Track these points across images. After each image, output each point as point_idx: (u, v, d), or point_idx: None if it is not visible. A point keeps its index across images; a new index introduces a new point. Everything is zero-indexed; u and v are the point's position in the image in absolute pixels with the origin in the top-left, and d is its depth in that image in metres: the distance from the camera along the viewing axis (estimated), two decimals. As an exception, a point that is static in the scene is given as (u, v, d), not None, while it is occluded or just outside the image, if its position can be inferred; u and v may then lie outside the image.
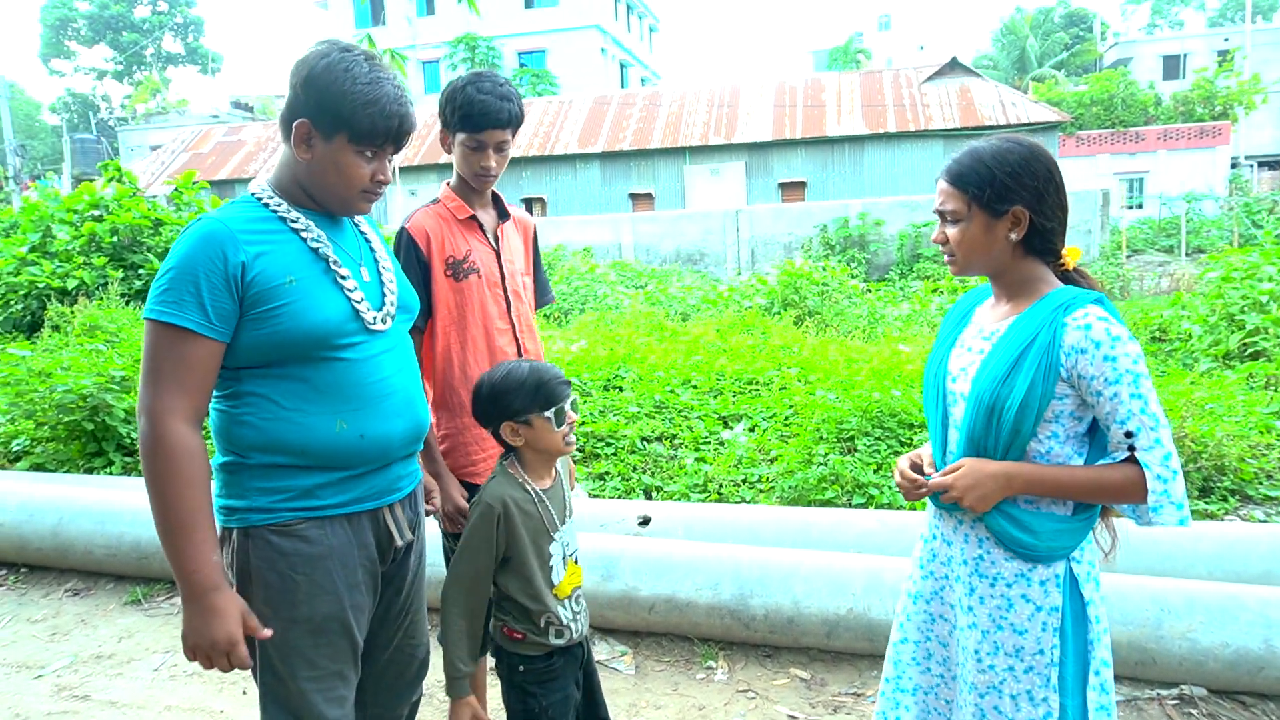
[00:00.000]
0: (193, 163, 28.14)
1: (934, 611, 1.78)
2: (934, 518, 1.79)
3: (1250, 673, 2.62)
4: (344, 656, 1.70)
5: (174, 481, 1.52)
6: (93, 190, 9.56)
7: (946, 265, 1.71)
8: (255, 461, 1.61)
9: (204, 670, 2.02)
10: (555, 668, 1.88)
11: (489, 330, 2.23)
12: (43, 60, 50.94)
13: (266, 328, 1.56)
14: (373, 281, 1.74)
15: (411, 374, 1.78)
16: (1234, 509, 3.81)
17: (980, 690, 1.65)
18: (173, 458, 1.51)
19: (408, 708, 1.95)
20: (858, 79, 26.71)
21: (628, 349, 6.63)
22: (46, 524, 4.03)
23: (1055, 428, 1.58)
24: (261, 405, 1.60)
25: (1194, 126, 28.81)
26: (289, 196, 1.67)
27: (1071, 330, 1.53)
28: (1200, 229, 22.08)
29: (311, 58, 1.60)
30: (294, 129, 1.60)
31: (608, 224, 19.89)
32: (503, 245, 2.29)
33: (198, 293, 1.51)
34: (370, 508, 1.71)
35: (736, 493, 4.34)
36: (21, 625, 3.68)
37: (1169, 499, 1.50)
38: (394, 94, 1.60)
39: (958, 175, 1.63)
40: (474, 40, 34.52)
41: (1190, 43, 39.40)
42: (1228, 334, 7.22)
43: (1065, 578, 1.60)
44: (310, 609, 1.64)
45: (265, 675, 1.68)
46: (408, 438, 1.74)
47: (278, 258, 1.59)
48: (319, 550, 1.64)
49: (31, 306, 8.65)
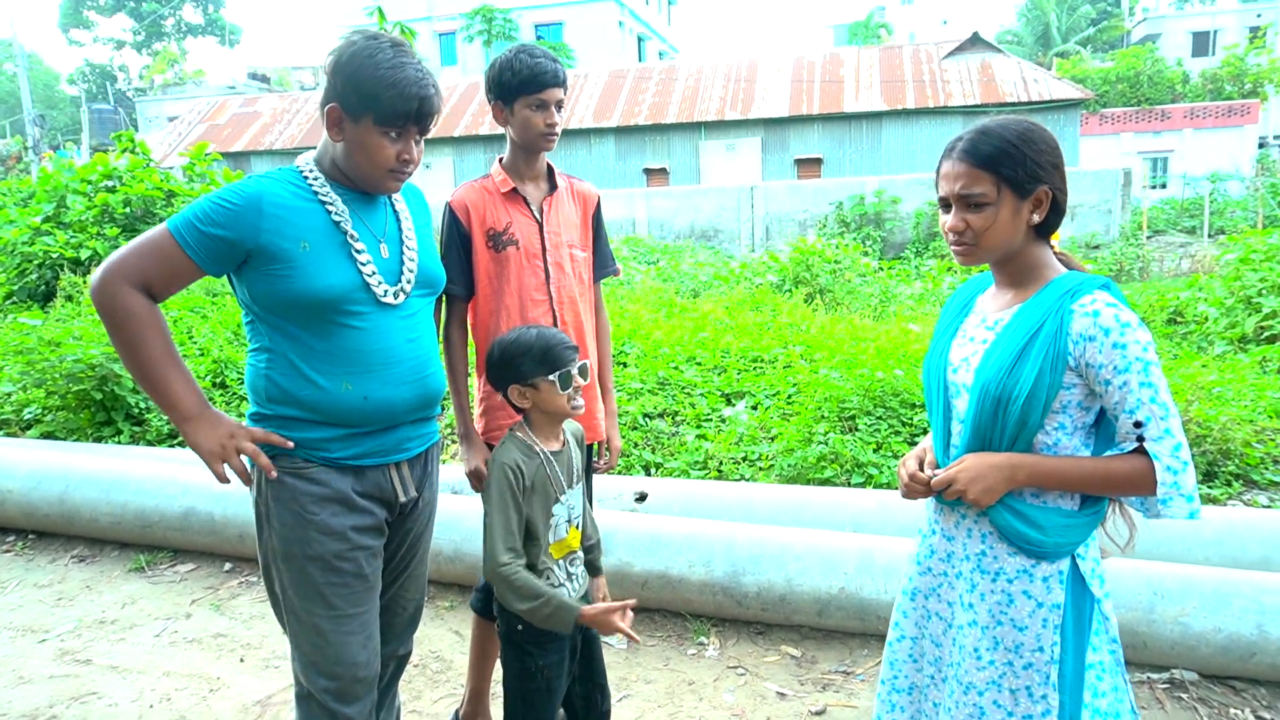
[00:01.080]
0: (209, 134, 28.20)
1: (930, 609, 1.74)
2: (934, 513, 1.74)
3: (1242, 658, 2.61)
4: (360, 598, 1.83)
5: (132, 331, 1.69)
6: (106, 161, 9.61)
7: (955, 255, 1.61)
8: (273, 413, 1.78)
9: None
10: (552, 630, 1.90)
11: (524, 301, 2.27)
12: (62, 30, 51.04)
13: (280, 284, 1.72)
14: (392, 258, 1.84)
15: (425, 344, 1.90)
16: (1238, 494, 3.77)
17: (979, 687, 1.60)
18: (124, 309, 1.68)
19: (394, 660, 2.05)
20: (877, 54, 26.32)
21: (633, 324, 6.62)
22: (54, 491, 4.09)
23: (1063, 418, 1.53)
24: (280, 361, 1.77)
25: (1222, 105, 28.26)
26: (327, 174, 1.81)
27: (1079, 317, 1.48)
28: (1224, 210, 21.73)
29: (341, 47, 1.73)
30: (327, 113, 1.73)
31: (622, 199, 19.78)
32: (547, 217, 2.32)
33: (202, 228, 1.69)
34: (376, 463, 1.84)
35: (736, 470, 4.34)
36: (28, 590, 3.75)
37: (1179, 491, 1.45)
38: (416, 77, 1.71)
39: (986, 157, 1.53)
40: (490, 12, 34.23)
41: (1221, 18, 38.56)
42: (1244, 317, 7.11)
43: (1069, 574, 1.55)
44: (323, 547, 1.77)
45: (290, 621, 1.84)
46: (415, 404, 1.86)
47: (297, 224, 1.73)
48: (328, 492, 1.78)
49: (46, 276, 8.74)
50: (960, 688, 1.64)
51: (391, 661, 2.04)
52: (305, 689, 1.84)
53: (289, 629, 1.85)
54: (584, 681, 2.05)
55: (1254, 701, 2.62)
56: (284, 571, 1.81)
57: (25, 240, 8.85)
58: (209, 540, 3.86)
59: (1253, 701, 2.62)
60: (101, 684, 2.98)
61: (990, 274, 1.71)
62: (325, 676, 1.81)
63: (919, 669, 1.77)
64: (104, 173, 9.49)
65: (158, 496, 3.92)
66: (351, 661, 1.81)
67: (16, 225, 9.06)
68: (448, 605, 3.41)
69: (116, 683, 2.99)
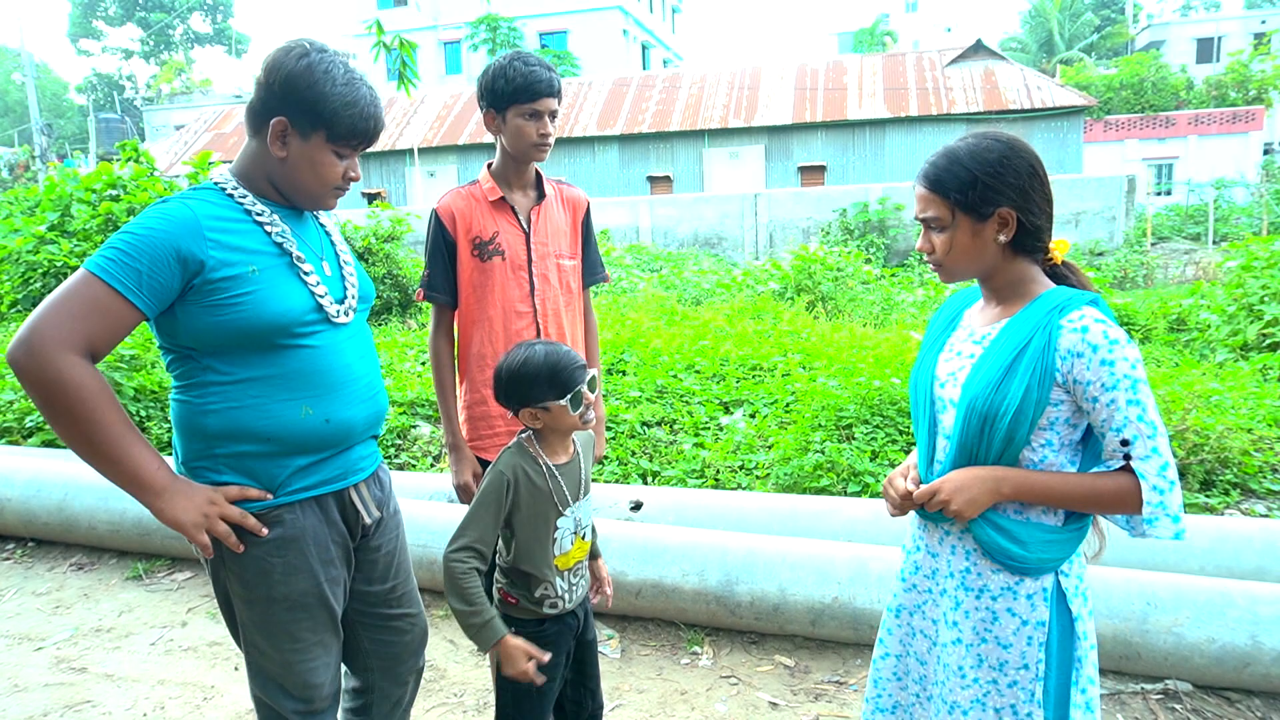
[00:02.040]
0: (214, 143, 28.35)
1: (915, 626, 1.73)
2: (918, 530, 1.73)
3: (1236, 668, 2.60)
4: (324, 627, 1.78)
5: (84, 406, 1.48)
6: (110, 170, 9.66)
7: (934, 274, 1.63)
8: (224, 451, 1.65)
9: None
10: (546, 635, 1.91)
11: (506, 313, 2.26)
12: (71, 40, 51.44)
13: (228, 314, 1.58)
14: (334, 275, 1.79)
15: (372, 361, 1.85)
16: (1235, 503, 3.75)
17: (963, 707, 1.60)
18: (72, 383, 1.47)
19: (413, 676, 2.03)
20: (880, 61, 26.35)
21: (633, 333, 6.63)
22: (53, 499, 4.11)
23: (1050, 435, 1.52)
24: (227, 393, 1.63)
25: (1226, 111, 28.20)
26: (253, 188, 1.70)
27: (1067, 333, 1.46)
28: (1229, 216, 21.65)
29: (289, 57, 1.62)
30: (271, 126, 1.63)
31: (625, 206, 19.82)
32: (535, 227, 2.31)
33: (138, 263, 1.51)
34: (336, 489, 1.78)
35: (733, 479, 4.34)
36: (26, 598, 3.76)
37: (1165, 511, 1.44)
38: (370, 96, 1.67)
39: (935, 180, 1.55)
40: (495, 21, 34.39)
41: (1226, 25, 38.50)
42: (1247, 324, 7.09)
43: (1053, 591, 1.54)
44: (287, 587, 1.71)
45: (250, 649, 1.78)
46: (369, 421, 1.82)
47: (241, 248, 1.62)
48: (292, 533, 1.70)
49: (50, 285, 8.76)
50: (945, 707, 1.63)
51: (411, 677, 2.02)
52: (271, 710, 1.81)
53: (248, 655, 1.79)
54: (575, 686, 2.05)
55: (1248, 713, 2.60)
56: (245, 610, 1.73)
57: (30, 249, 8.89)
58: (206, 548, 3.87)
59: (1247, 713, 2.60)
60: (96, 692, 2.99)
61: (977, 289, 1.70)
62: (294, 699, 1.78)
63: (903, 687, 1.76)
64: (108, 182, 9.54)
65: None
66: (317, 684, 1.79)
67: (21, 234, 9.11)
68: (442, 614, 3.41)
69: (111, 691, 3.00)
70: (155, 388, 5.45)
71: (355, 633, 1.93)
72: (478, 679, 2.99)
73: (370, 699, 1.99)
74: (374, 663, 1.96)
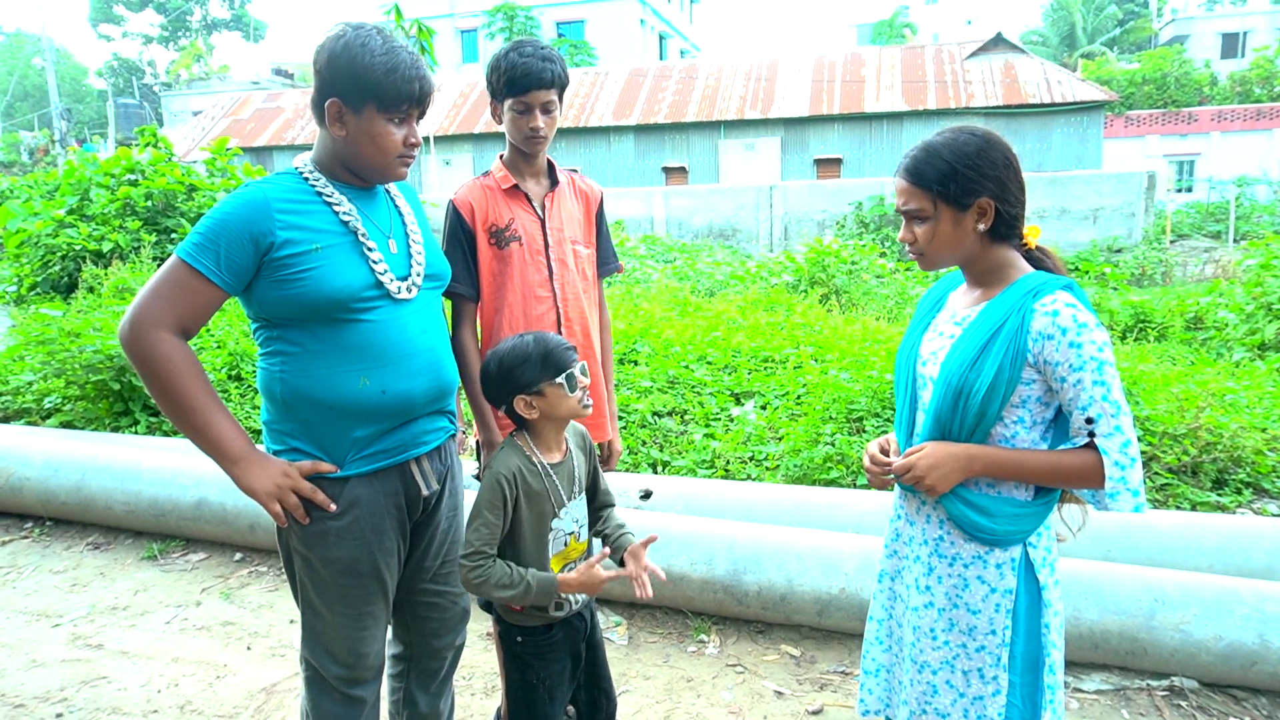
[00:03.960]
0: (232, 129, 28.49)
1: (897, 590, 1.83)
2: (899, 498, 1.83)
3: (1243, 667, 2.59)
4: (374, 597, 1.87)
5: (173, 377, 1.65)
6: (129, 155, 9.75)
7: (915, 261, 1.70)
8: (293, 415, 1.78)
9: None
10: (554, 640, 1.90)
11: (526, 298, 2.26)
12: (91, 25, 51.75)
13: (294, 288, 1.69)
14: (400, 253, 1.85)
15: (438, 336, 1.91)
16: (1247, 502, 3.74)
17: (933, 667, 1.69)
18: (163, 358, 1.65)
19: (451, 651, 2.12)
20: (899, 54, 26.16)
21: (646, 323, 6.64)
22: (70, 479, 4.17)
23: (1021, 413, 1.60)
24: (294, 361, 1.75)
25: (1250, 108, 27.86)
26: (328, 173, 1.80)
27: (1039, 316, 1.54)
28: (1251, 214, 21.41)
29: (329, 41, 1.71)
30: (326, 109, 1.72)
31: (640, 197, 19.79)
32: (550, 213, 2.31)
33: (218, 246, 1.66)
34: (397, 461, 1.84)
35: (743, 470, 4.35)
36: (44, 576, 3.83)
37: (1125, 485, 1.52)
38: (410, 59, 1.72)
39: (917, 174, 1.62)
40: (512, 10, 34.36)
41: (1252, 19, 37.97)
42: (1265, 323, 7.03)
43: (1021, 561, 1.63)
44: (340, 551, 1.80)
45: (305, 610, 1.89)
46: (431, 395, 1.87)
47: (307, 228, 1.72)
48: (348, 501, 1.79)
49: (69, 268, 8.88)
50: (915, 666, 1.73)
51: (449, 652, 2.10)
52: (316, 672, 1.90)
53: (303, 616, 1.90)
54: (589, 687, 2.03)
55: (1254, 711, 2.60)
56: (302, 569, 1.84)
57: (49, 232, 9.00)
58: (220, 530, 3.92)
59: (1253, 711, 2.60)
60: (111, 668, 3.04)
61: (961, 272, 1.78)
62: (339, 665, 1.87)
63: (887, 649, 1.86)
64: (126, 167, 9.63)
65: (171, 486, 3.98)
66: (363, 653, 1.88)
67: (41, 218, 9.21)
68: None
69: (126, 667, 3.05)
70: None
71: (400, 604, 2.01)
72: (485, 663, 3.02)
73: (408, 666, 2.09)
74: (414, 636, 2.06)
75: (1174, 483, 3.81)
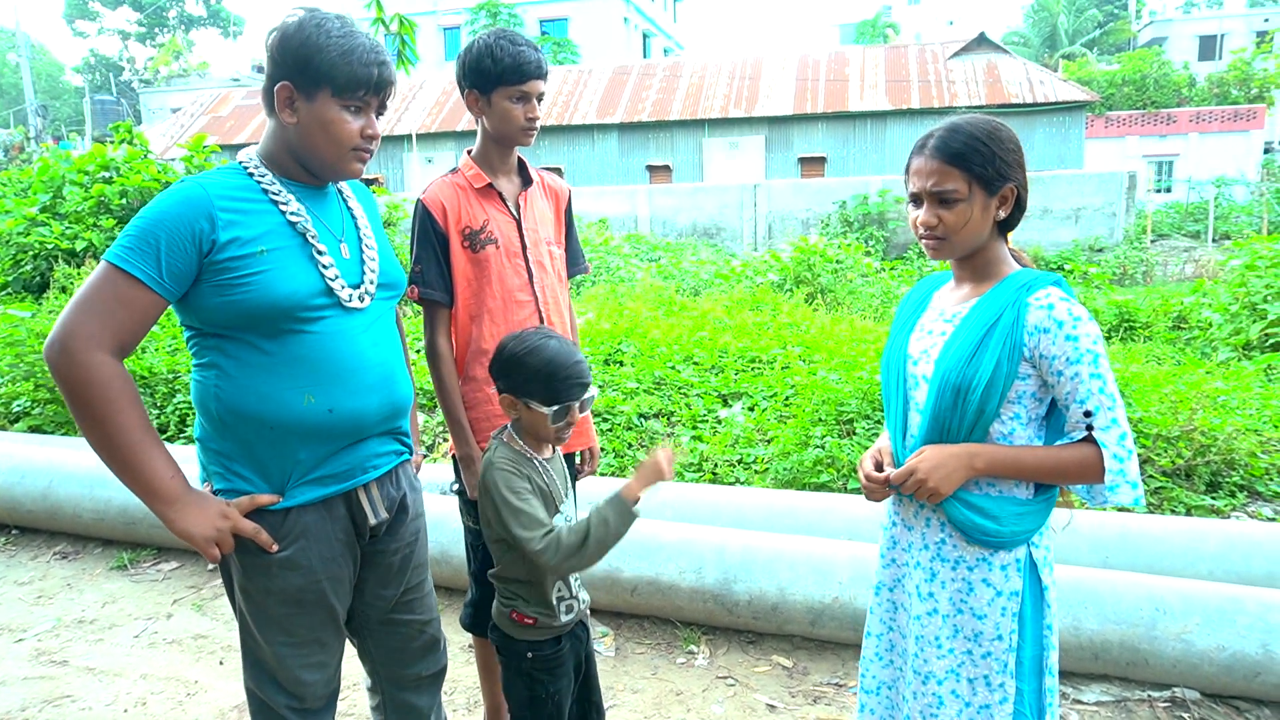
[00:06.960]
0: (211, 126, 28.14)
1: (896, 600, 1.77)
2: (893, 504, 1.78)
3: (1246, 677, 2.53)
4: (321, 625, 1.73)
5: (107, 407, 1.47)
6: (103, 152, 9.53)
7: (926, 249, 1.63)
8: (230, 434, 1.61)
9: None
10: (562, 654, 1.86)
11: (507, 303, 2.16)
12: (67, 21, 50.96)
13: (236, 294, 1.53)
14: (353, 258, 1.70)
15: (391, 349, 1.75)
16: (1242, 505, 3.69)
17: (938, 677, 1.63)
18: (99, 383, 1.47)
19: (423, 683, 1.97)
20: (882, 53, 26.19)
21: (631, 323, 6.54)
22: (37, 486, 4.03)
23: (1018, 409, 1.57)
24: (231, 375, 1.58)
25: (1228, 109, 28.13)
26: (277, 167, 1.64)
27: (1034, 310, 1.53)
28: (1229, 215, 21.59)
29: (283, 24, 1.58)
30: (275, 94, 1.57)
31: (624, 195, 19.69)
32: (524, 213, 2.20)
33: (157, 248, 1.48)
34: (344, 488, 1.69)
35: (731, 473, 4.27)
36: (9, 588, 3.69)
37: (1124, 478, 1.51)
38: (369, 44, 1.58)
39: (954, 154, 1.55)
40: (495, 7, 34.15)
41: (1228, 22, 38.38)
42: (1249, 323, 7.03)
43: (1025, 562, 1.60)
44: (284, 583, 1.66)
45: (245, 639, 1.75)
46: (383, 414, 1.71)
47: (252, 228, 1.56)
48: (295, 532, 1.65)
49: (41, 267, 8.66)
50: (919, 679, 1.67)
51: (423, 683, 1.96)
52: (262, 703, 1.77)
53: (243, 644, 1.77)
54: (581, 701, 2.00)
55: (1257, 722, 2.54)
56: (244, 601, 1.70)
57: (21, 231, 8.77)
58: (193, 539, 3.79)
59: (1256, 722, 2.54)
60: (77, 686, 2.92)
61: (945, 273, 1.76)
62: (285, 694, 1.75)
63: (888, 664, 1.79)
64: (101, 164, 9.41)
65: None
66: (309, 681, 1.74)
67: (12, 215, 8.99)
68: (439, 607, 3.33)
69: (92, 685, 2.93)
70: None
71: (361, 633, 1.88)
72: (466, 677, 2.92)
73: (383, 700, 1.96)
74: (379, 666, 1.93)
75: (1168, 486, 3.76)
